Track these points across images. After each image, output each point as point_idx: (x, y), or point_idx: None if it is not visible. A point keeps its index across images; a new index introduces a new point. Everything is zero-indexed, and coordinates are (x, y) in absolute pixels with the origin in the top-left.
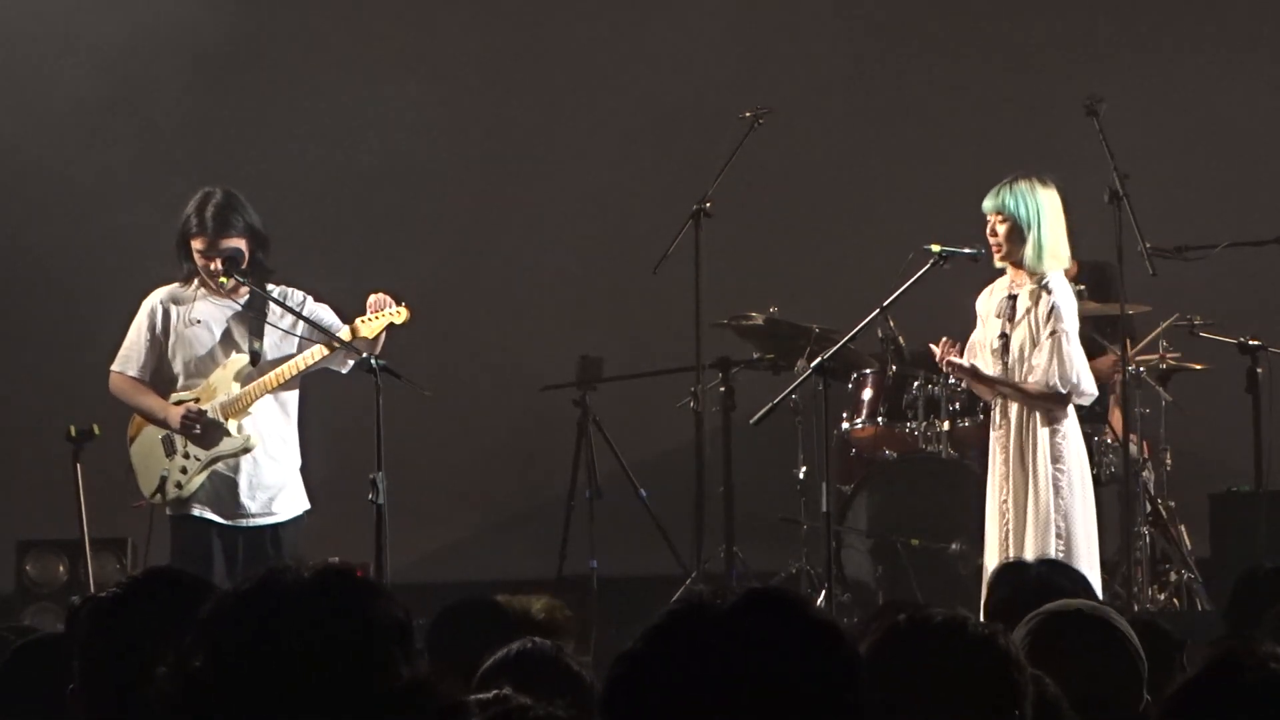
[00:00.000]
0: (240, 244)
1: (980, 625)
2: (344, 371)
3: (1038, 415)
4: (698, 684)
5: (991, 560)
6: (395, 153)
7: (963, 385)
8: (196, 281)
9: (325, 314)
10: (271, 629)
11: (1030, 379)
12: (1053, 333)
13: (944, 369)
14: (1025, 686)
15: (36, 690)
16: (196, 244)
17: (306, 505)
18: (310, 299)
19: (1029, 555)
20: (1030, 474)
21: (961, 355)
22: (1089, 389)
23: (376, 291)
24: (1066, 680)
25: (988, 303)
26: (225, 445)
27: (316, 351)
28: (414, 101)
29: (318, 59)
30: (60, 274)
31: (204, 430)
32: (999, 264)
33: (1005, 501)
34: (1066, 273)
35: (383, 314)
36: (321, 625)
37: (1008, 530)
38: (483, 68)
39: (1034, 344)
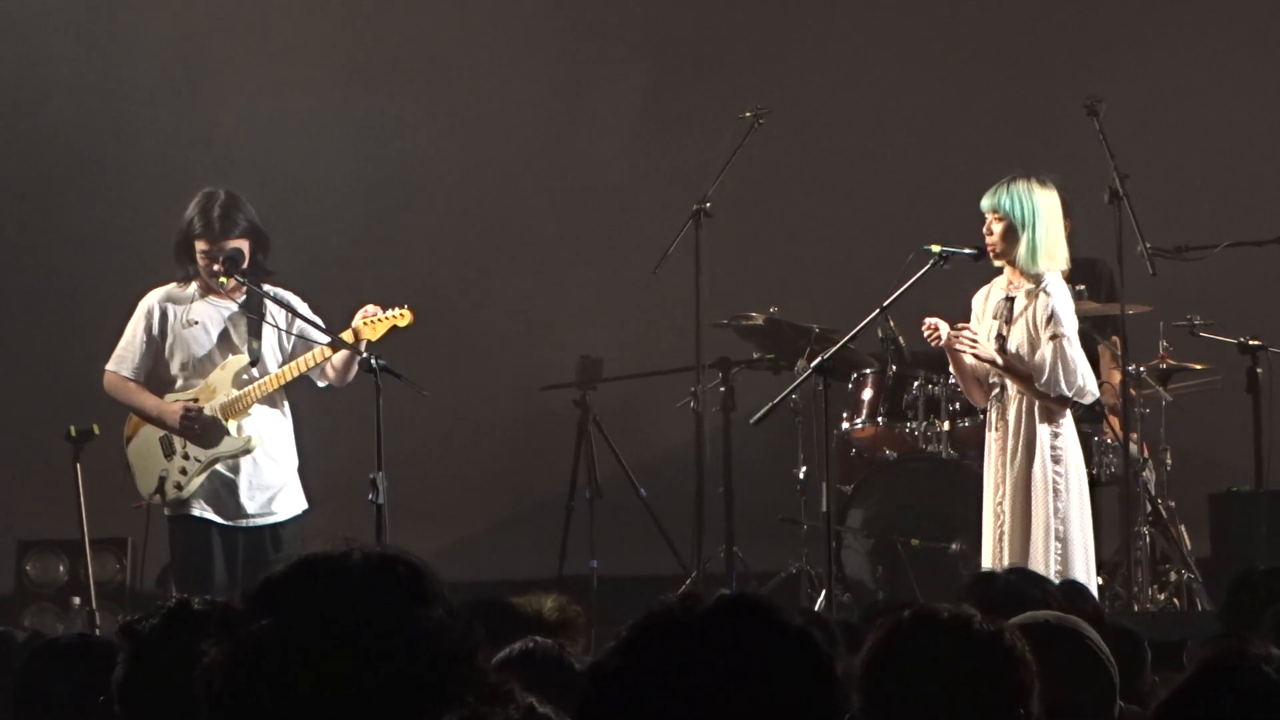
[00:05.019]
0: (243, 244)
1: (985, 622)
2: (321, 385)
3: (1037, 416)
4: (672, 695)
5: (986, 561)
6: (395, 153)
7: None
8: (195, 283)
9: (313, 330)
10: (305, 618)
11: (1036, 383)
12: (1053, 336)
13: (958, 345)
14: (1031, 684)
15: (53, 693)
16: (201, 245)
17: (305, 505)
18: (305, 306)
19: (1028, 559)
20: (1029, 476)
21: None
22: (1092, 389)
23: (368, 304)
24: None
25: (984, 303)
26: (226, 446)
27: (319, 353)
28: (414, 102)
29: (319, 61)
30: (60, 274)
31: (203, 430)
32: (995, 263)
33: (1001, 504)
34: (1061, 273)
35: (387, 316)
36: (357, 637)
37: (1003, 532)
38: (483, 68)
39: (1031, 346)
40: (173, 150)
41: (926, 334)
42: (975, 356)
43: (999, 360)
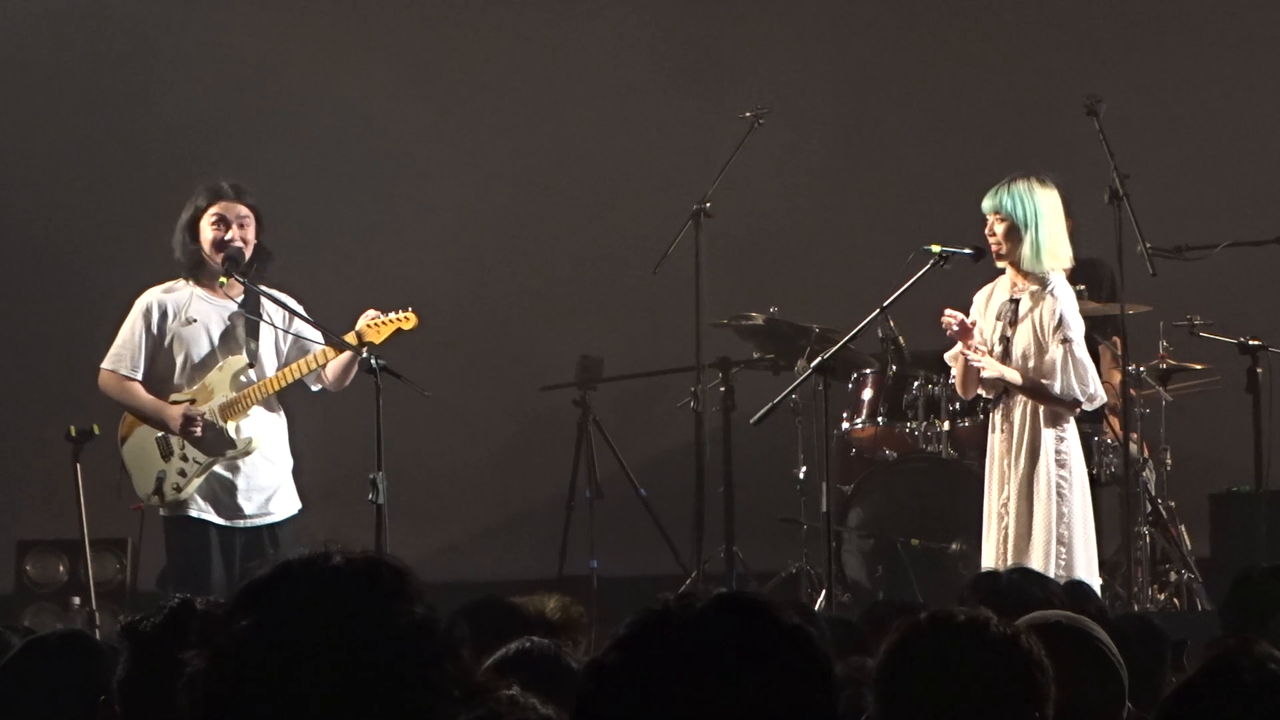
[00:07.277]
0: (251, 214)
1: (1002, 625)
2: (315, 389)
3: (1042, 419)
4: (669, 693)
5: (988, 561)
6: (394, 153)
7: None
8: (192, 281)
9: (311, 331)
10: (288, 618)
11: (1051, 390)
12: (1063, 341)
13: (967, 355)
14: (1047, 687)
15: (41, 687)
16: (216, 208)
17: (299, 505)
18: (301, 309)
19: (1031, 561)
20: (1033, 478)
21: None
22: (1102, 394)
23: (369, 307)
24: None
25: (986, 303)
26: (228, 449)
27: (321, 355)
28: (415, 102)
29: (321, 61)
30: (60, 274)
31: (204, 433)
32: (999, 264)
33: (1005, 505)
34: (1065, 273)
35: (391, 319)
36: (341, 634)
37: (1006, 533)
38: (483, 69)
39: (1038, 348)
40: (173, 149)
41: (944, 323)
42: (987, 376)
43: (1011, 379)
